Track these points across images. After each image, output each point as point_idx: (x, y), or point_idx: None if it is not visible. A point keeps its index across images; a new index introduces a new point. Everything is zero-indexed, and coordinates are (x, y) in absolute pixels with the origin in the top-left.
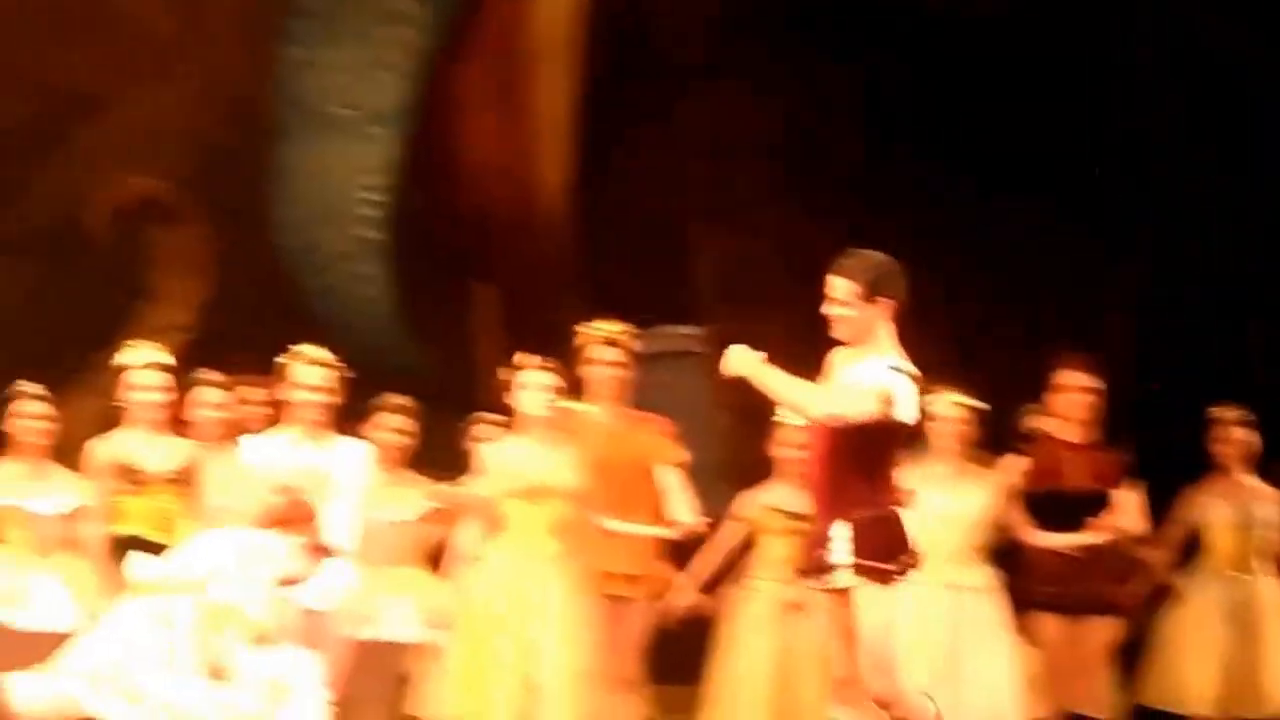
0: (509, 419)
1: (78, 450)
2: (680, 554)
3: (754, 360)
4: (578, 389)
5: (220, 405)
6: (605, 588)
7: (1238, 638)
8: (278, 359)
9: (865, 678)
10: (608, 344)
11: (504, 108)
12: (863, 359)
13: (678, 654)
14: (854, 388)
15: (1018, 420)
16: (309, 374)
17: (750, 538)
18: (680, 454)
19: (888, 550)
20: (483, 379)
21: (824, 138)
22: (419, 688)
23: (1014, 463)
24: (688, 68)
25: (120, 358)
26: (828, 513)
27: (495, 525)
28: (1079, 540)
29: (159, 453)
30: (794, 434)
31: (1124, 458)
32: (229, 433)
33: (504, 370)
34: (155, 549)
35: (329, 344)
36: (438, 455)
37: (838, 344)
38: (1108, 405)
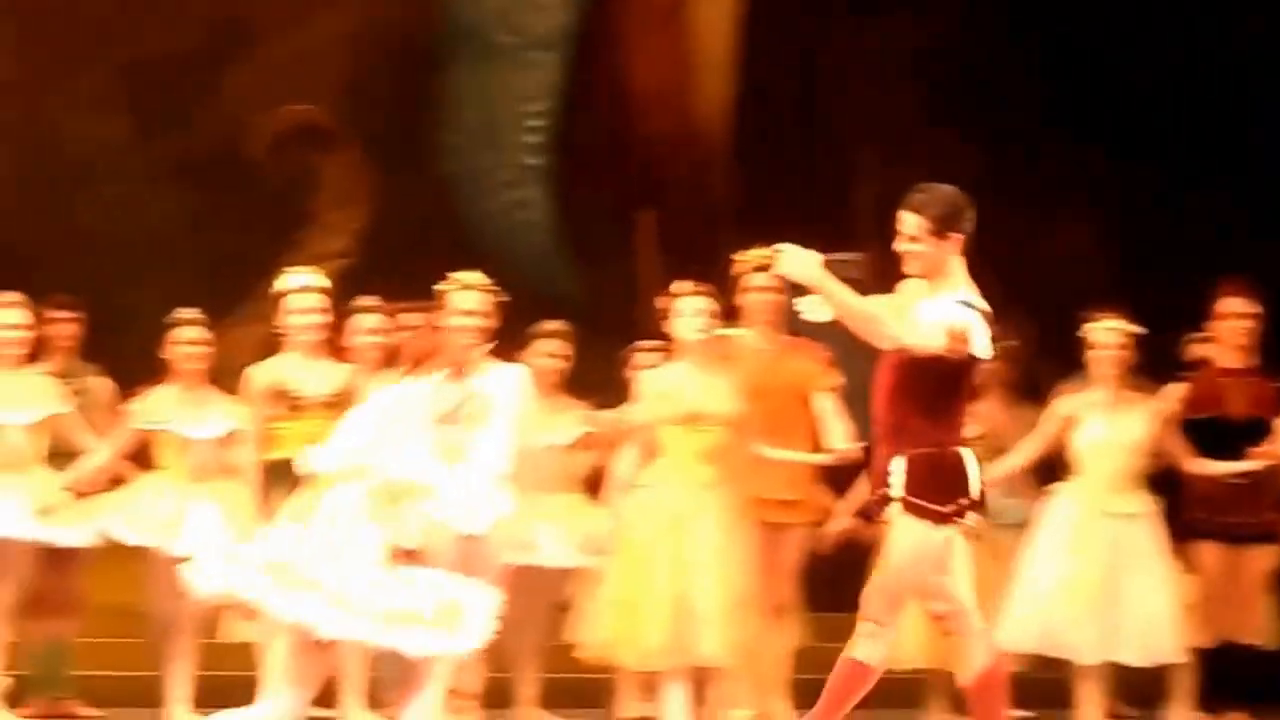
0: (667, 345)
1: (238, 376)
2: (836, 480)
3: (813, 265)
4: (735, 315)
5: (378, 331)
6: (761, 514)
7: None
8: (437, 286)
9: (866, 595)
10: (764, 270)
11: (665, 32)
12: (934, 295)
13: (833, 580)
14: (923, 321)
15: (1180, 348)
16: (466, 299)
17: None
18: (835, 379)
19: (943, 490)
20: (641, 305)
21: (982, 63)
22: (576, 614)
23: (1174, 390)
24: None
25: (278, 283)
26: (888, 448)
27: (652, 451)
28: (1239, 468)
29: (316, 378)
30: None
31: None
32: (387, 359)
33: (662, 297)
34: None
35: (490, 270)
36: (596, 382)
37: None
38: (1269, 332)
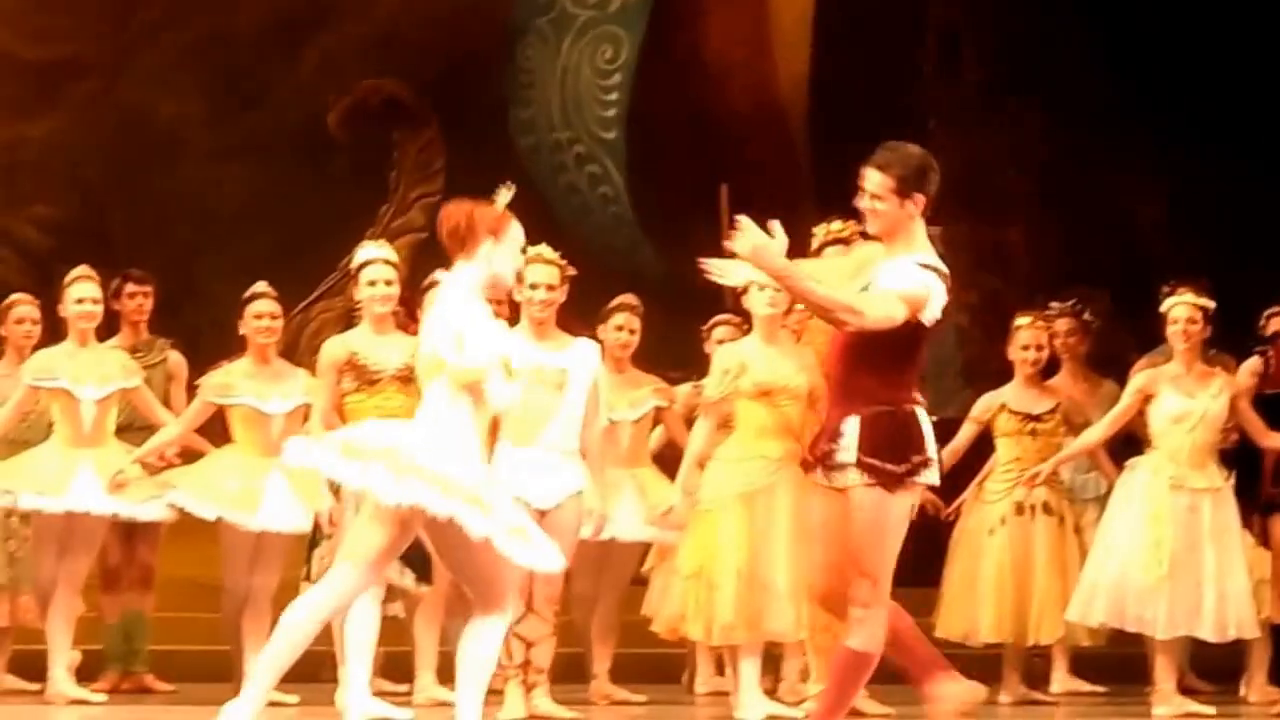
0: (742, 320)
1: (316, 350)
2: None
3: (773, 250)
4: None
5: None
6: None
7: None
8: None
9: (852, 578)
10: (839, 243)
11: (743, 6)
12: (893, 256)
13: (911, 555)
14: (882, 294)
15: (1257, 322)
16: (541, 273)
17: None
18: None
19: (896, 449)
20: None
21: (1055, 38)
22: (650, 588)
23: (1250, 365)
24: None
25: (354, 257)
26: (840, 407)
27: (727, 425)
28: None
29: (390, 351)
30: (1031, 335)
31: None
32: None
33: None
34: None
35: (565, 244)
36: (674, 356)
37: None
38: None
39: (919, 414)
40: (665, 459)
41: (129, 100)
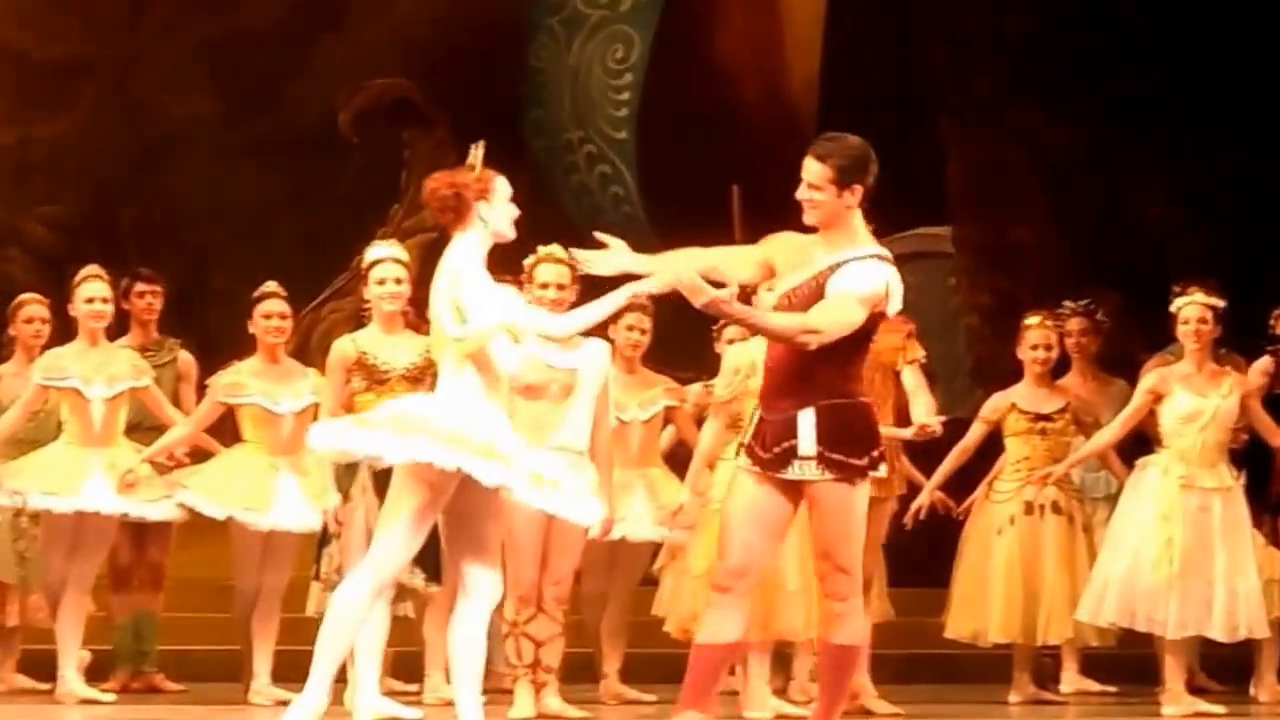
0: None
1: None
2: (921, 454)
3: (721, 296)
4: None
5: None
6: None
7: None
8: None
9: (827, 573)
10: None
11: (754, 5)
12: (836, 248)
13: (922, 554)
14: (839, 300)
15: (1267, 322)
16: (552, 273)
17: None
18: (919, 352)
19: (857, 442)
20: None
21: (1069, 34)
22: (660, 588)
23: (1261, 364)
24: None
25: (364, 256)
26: (793, 399)
27: (737, 425)
28: None
29: (399, 350)
30: (1041, 335)
31: None
32: None
33: None
34: None
35: (578, 244)
36: (684, 356)
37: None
38: None
39: (870, 406)
40: (676, 459)
41: (140, 100)
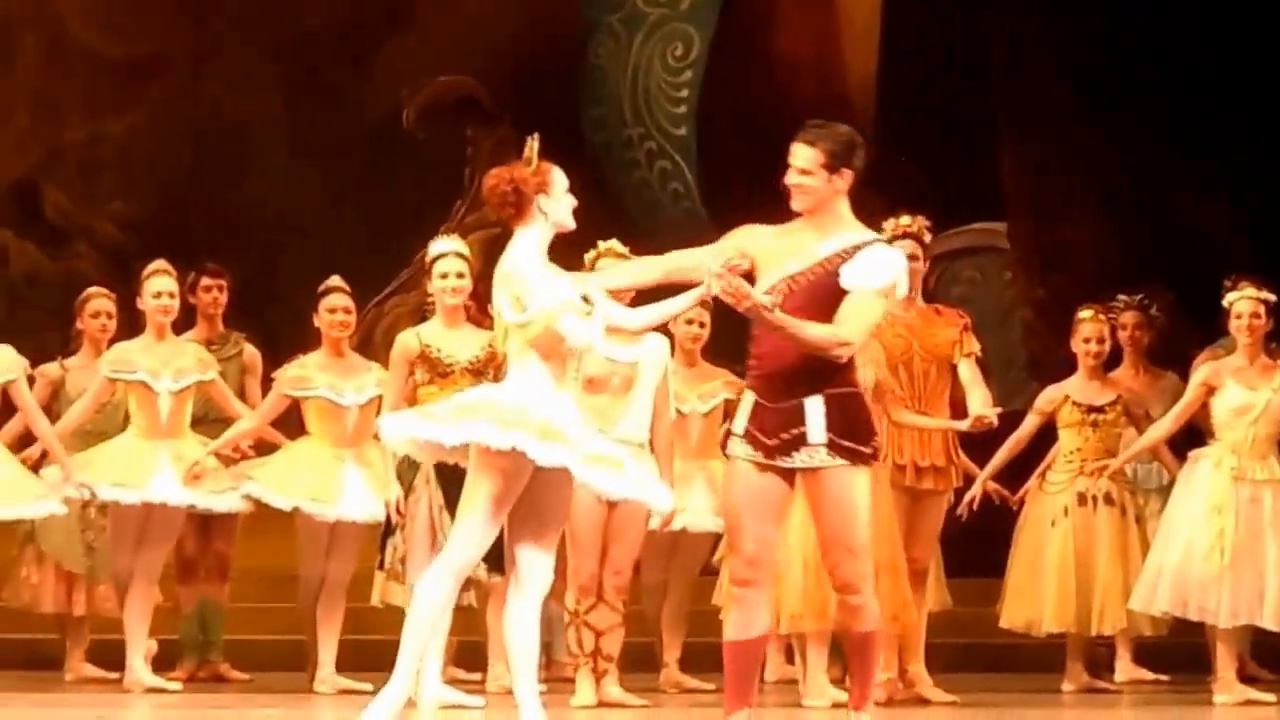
0: None
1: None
2: (976, 445)
3: (753, 295)
4: None
5: None
6: (902, 480)
7: None
8: (585, 255)
9: (840, 559)
10: (905, 237)
11: (811, 2)
12: (828, 234)
13: (977, 545)
14: (859, 300)
15: None
16: (610, 270)
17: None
18: (975, 345)
19: (862, 431)
20: None
21: (1122, 33)
22: (719, 579)
23: None
24: None
25: (427, 251)
26: (799, 388)
27: None
28: None
29: (461, 343)
30: (1094, 329)
31: None
32: None
33: None
34: None
35: (638, 239)
36: (744, 349)
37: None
38: None
39: (864, 396)
40: None
41: (208, 98)
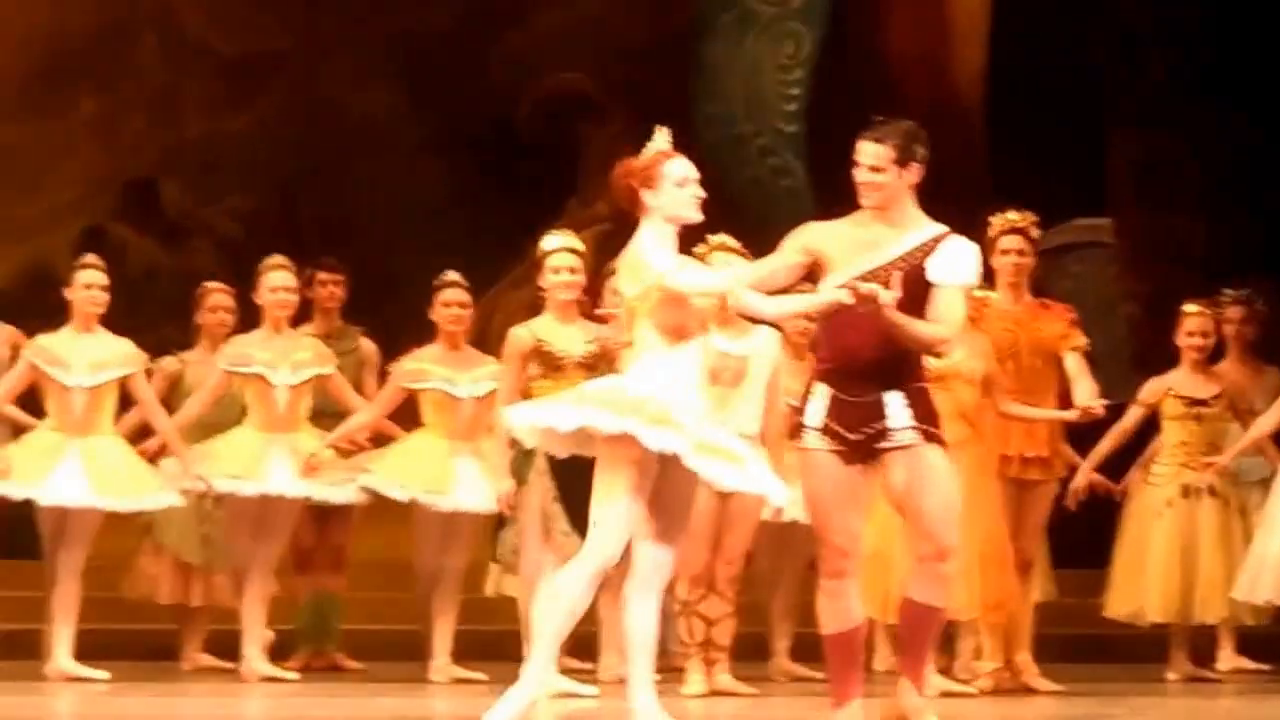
0: None
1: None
2: (1081, 437)
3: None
4: (987, 277)
5: None
6: (1010, 471)
7: None
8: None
9: (935, 528)
10: (1013, 233)
11: (922, 0)
12: (901, 227)
13: (1081, 536)
14: (953, 298)
15: None
16: (722, 262)
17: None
18: (1081, 339)
19: (936, 420)
20: None
21: (1232, 25)
22: None
23: None
24: None
25: (538, 246)
26: (879, 383)
27: None
28: None
29: (574, 338)
30: (1198, 323)
31: None
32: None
33: None
34: None
35: (751, 235)
36: None
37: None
38: None
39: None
40: None
41: (324, 95)
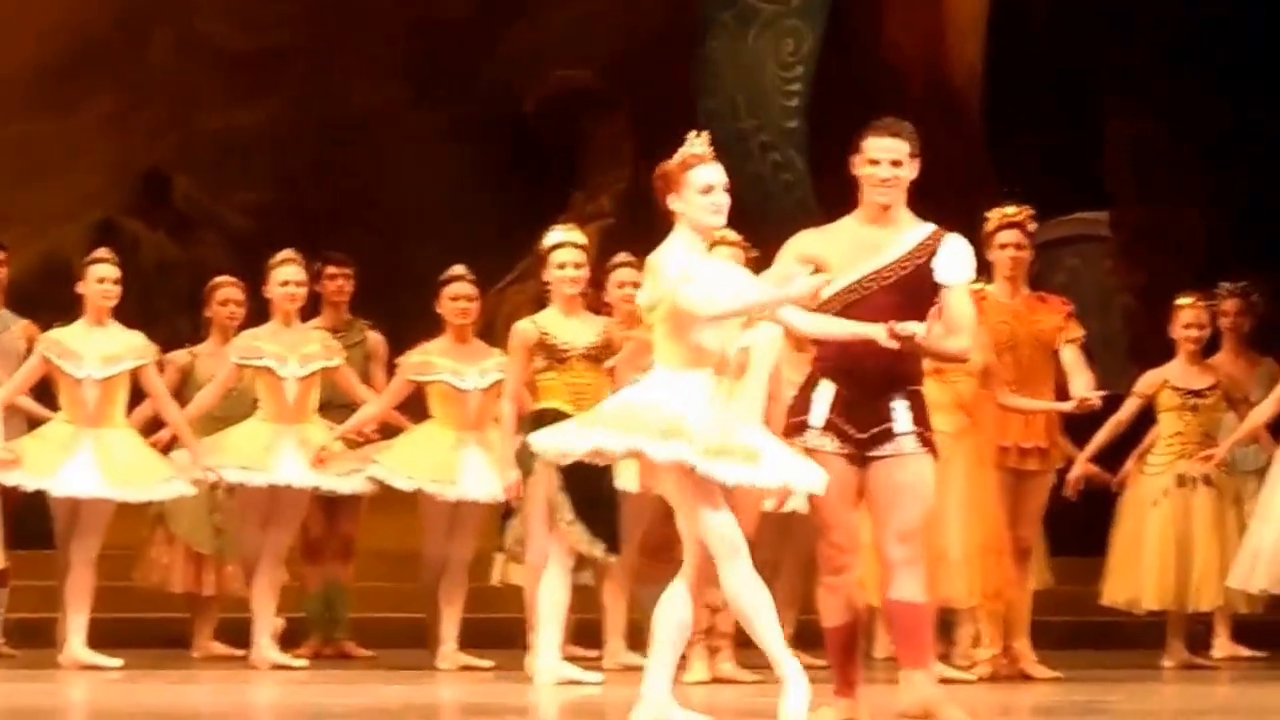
0: None
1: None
2: (1078, 427)
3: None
4: (985, 271)
5: (637, 287)
6: (1007, 461)
7: None
8: None
9: (905, 536)
10: (1010, 227)
11: None
12: (898, 226)
13: (1077, 526)
14: (962, 298)
15: None
16: (724, 256)
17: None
18: (1078, 331)
19: (929, 424)
20: None
21: (1234, 22)
22: None
23: None
24: None
25: (543, 240)
26: (887, 388)
27: None
28: None
29: (579, 331)
30: (1193, 315)
31: None
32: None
33: None
34: None
35: (751, 230)
36: None
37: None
38: None
39: None
40: None
41: (334, 87)
